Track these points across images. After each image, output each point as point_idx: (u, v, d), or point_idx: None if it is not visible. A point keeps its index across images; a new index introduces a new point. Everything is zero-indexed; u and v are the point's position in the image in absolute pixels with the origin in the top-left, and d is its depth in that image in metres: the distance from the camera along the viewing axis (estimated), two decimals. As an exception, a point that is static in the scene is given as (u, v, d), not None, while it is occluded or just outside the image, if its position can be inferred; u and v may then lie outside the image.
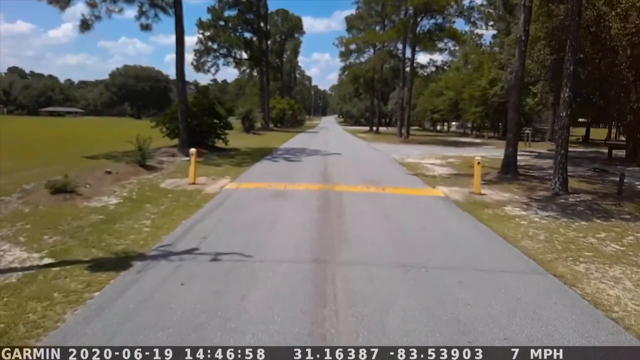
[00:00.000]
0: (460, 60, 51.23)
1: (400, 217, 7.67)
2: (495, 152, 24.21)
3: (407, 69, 37.05)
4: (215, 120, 18.98)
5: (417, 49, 34.92)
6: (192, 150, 10.62)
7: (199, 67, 43.35)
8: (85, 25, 16.61)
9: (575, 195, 10.07)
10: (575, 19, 9.95)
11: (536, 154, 24.75)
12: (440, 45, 33.42)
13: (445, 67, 47.14)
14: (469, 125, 56.50)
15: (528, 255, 5.75)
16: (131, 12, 20.85)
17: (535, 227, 7.40)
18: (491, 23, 44.44)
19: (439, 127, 78.14)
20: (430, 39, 31.59)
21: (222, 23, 42.83)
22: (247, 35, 46.17)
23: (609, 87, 16.74)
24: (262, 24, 46.89)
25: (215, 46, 43.31)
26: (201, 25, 41.98)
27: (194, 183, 10.52)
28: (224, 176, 12.11)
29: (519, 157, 21.74)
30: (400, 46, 46.00)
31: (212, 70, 44.71)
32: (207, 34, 43.18)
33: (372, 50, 49.73)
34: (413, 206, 8.85)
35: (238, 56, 46.54)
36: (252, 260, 5.19)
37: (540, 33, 16.37)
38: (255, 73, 51.88)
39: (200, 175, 11.95)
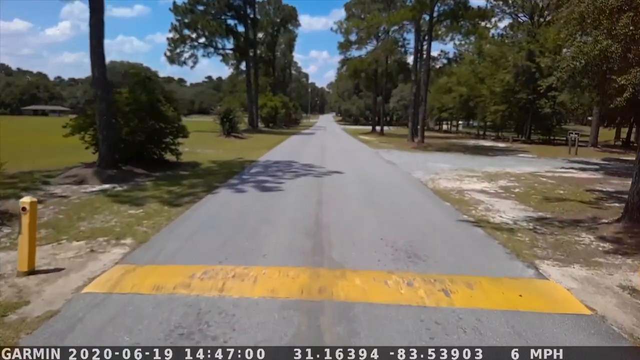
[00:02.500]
0: (474, 53, 45.58)
1: None
2: (543, 165, 18.32)
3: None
4: (162, 124, 13.19)
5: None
6: (25, 199, 4.89)
7: (173, 58, 37.27)
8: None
9: None
10: None
11: (596, 166, 18.99)
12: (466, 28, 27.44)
13: (457, 60, 41.78)
14: (481, 125, 50.84)
15: None
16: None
17: None
18: (509, 11, 39.12)
19: (445, 127, 72.62)
20: (454, 19, 25.70)
21: (201, 8, 36.75)
22: (232, 22, 40.20)
23: None
24: (249, 11, 40.88)
25: (193, 35, 37.21)
26: (176, 9, 35.75)
27: (30, 271, 4.82)
28: (125, 237, 6.36)
29: (574, 174, 16.00)
30: (408, 36, 40.57)
31: (190, 62, 38.62)
32: (186, 20, 37.18)
33: (375, 42, 44.04)
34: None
35: (221, 46, 40.53)
36: None
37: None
38: (243, 67, 46.03)
39: (78, 237, 6.24)
